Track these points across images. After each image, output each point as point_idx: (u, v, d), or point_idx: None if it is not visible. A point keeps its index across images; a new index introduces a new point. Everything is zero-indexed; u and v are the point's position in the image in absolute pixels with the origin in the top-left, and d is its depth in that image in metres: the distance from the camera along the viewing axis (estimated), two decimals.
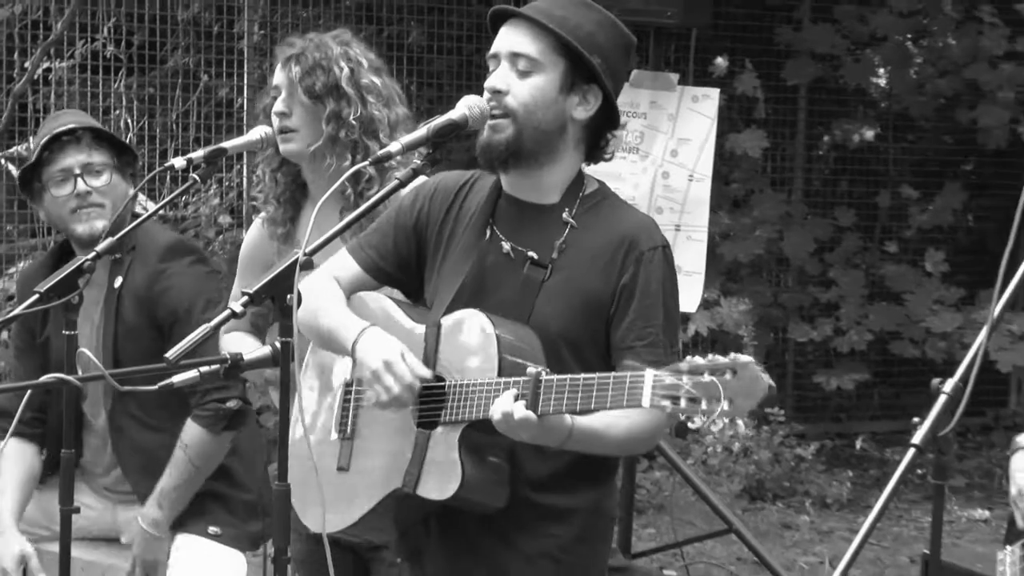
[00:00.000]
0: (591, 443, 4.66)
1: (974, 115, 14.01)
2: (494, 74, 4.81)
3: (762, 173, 13.79)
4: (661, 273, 4.76)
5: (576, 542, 4.86)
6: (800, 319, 13.80)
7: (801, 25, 13.99)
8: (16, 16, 12.66)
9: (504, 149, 4.77)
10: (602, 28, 4.86)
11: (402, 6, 13.29)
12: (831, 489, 12.72)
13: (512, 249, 4.87)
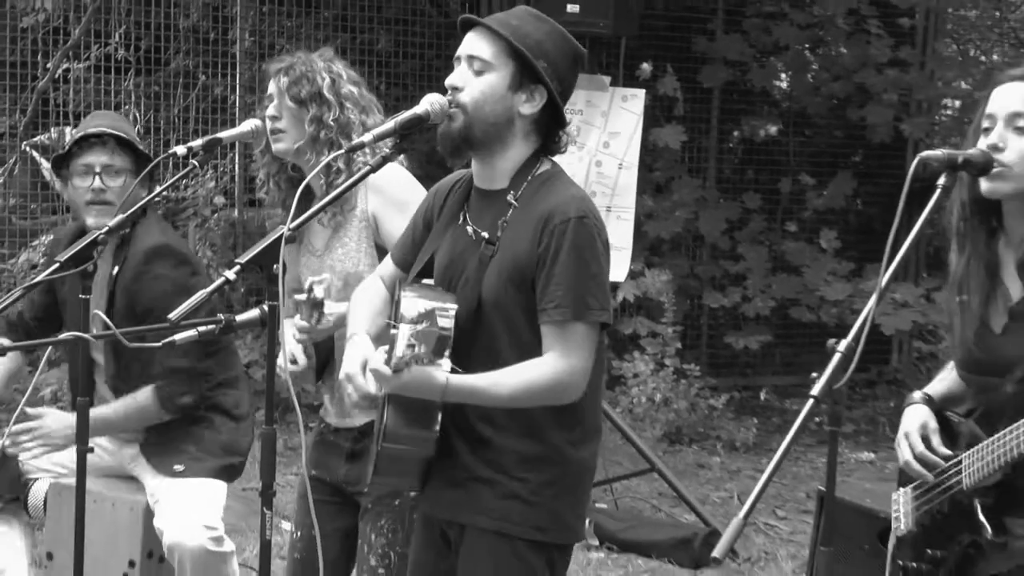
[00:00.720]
0: (473, 397, 4.70)
1: (862, 113, 14.09)
2: (454, 73, 4.85)
3: (680, 162, 13.80)
4: (570, 242, 4.69)
5: (546, 487, 4.83)
6: (713, 288, 13.84)
7: (715, 36, 14.04)
8: (40, 23, 12.62)
9: (457, 136, 4.80)
10: (550, 37, 4.88)
11: (372, 17, 13.28)
12: (739, 434, 12.76)
13: (474, 232, 4.90)
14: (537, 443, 4.82)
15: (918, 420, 4.93)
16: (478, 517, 4.87)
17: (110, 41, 12.66)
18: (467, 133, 4.81)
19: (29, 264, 11.84)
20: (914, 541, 4.96)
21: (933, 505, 4.88)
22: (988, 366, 4.78)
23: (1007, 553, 4.71)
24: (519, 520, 4.82)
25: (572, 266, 4.70)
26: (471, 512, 4.89)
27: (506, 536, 4.83)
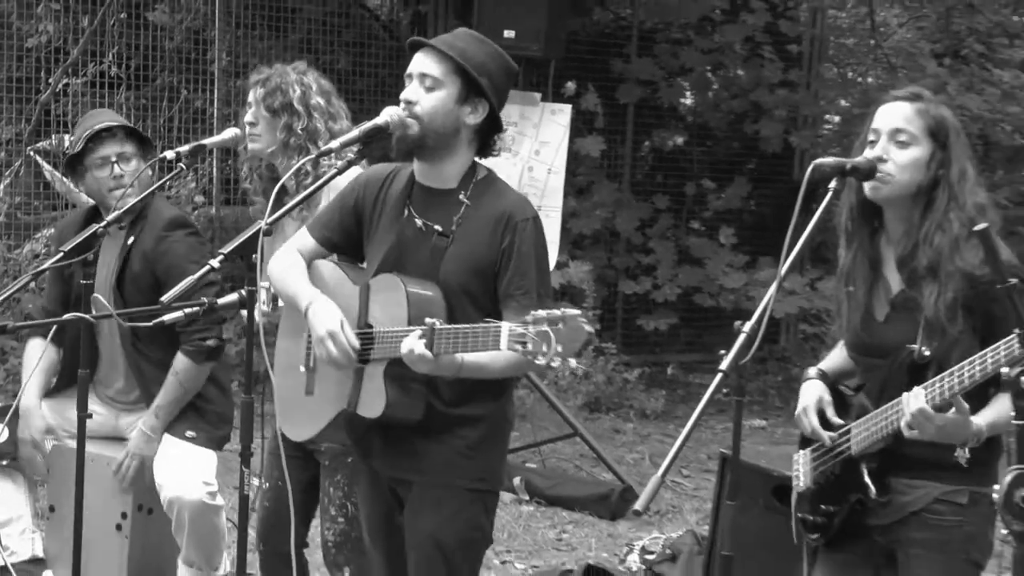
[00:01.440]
0: (478, 373, 4.75)
1: (757, 127, 14.16)
2: (408, 88, 4.91)
3: (600, 168, 13.80)
4: (532, 238, 4.86)
5: (481, 441, 4.93)
6: (627, 277, 13.86)
7: (630, 59, 14.00)
8: (42, 44, 12.59)
9: (412, 143, 4.87)
10: (491, 57, 4.97)
11: (333, 40, 13.30)
12: (649, 404, 12.78)
13: (423, 224, 4.94)
14: (474, 407, 4.93)
15: (815, 394, 4.97)
16: (426, 474, 4.95)
17: (104, 60, 12.57)
18: (421, 141, 4.87)
19: (32, 254, 11.85)
20: (811, 497, 5.00)
21: (827, 467, 4.92)
22: (873, 349, 4.84)
23: (888, 509, 4.77)
24: (462, 473, 4.94)
25: (533, 260, 4.88)
26: (419, 470, 4.96)
27: (451, 487, 4.94)
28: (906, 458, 4.70)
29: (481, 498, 5.02)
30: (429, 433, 4.92)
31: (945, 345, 4.57)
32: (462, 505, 4.96)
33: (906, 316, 4.72)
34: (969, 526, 4.72)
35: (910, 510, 4.74)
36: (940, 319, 4.58)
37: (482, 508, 5.03)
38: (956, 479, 4.66)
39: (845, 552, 4.98)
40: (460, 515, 4.97)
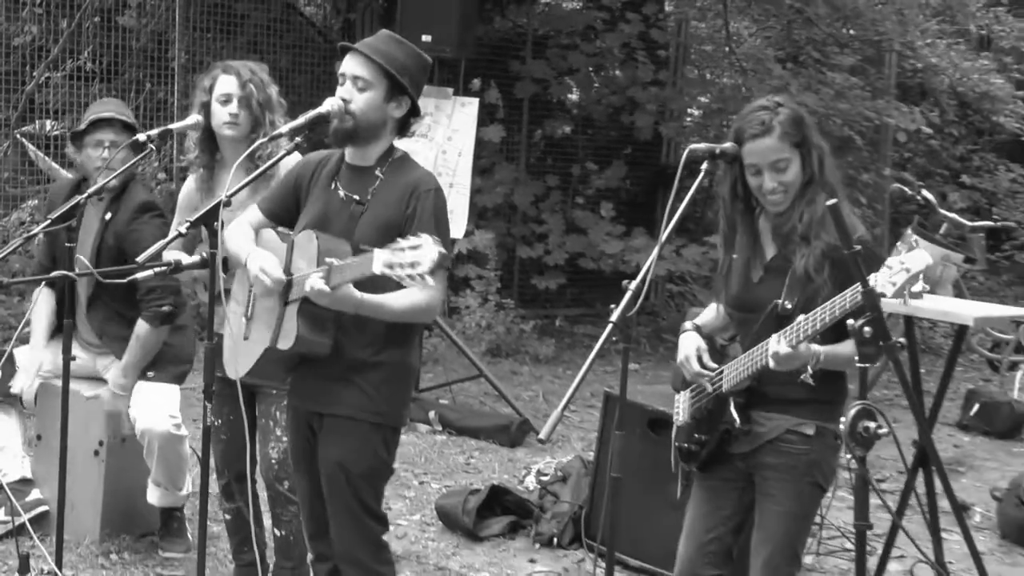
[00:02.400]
0: (377, 311, 4.78)
1: (632, 119, 14.14)
2: (342, 88, 4.96)
3: (500, 152, 13.78)
4: (432, 205, 4.88)
5: (383, 383, 4.94)
6: (523, 244, 13.85)
7: (525, 60, 13.97)
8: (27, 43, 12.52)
9: (346, 134, 4.94)
10: (410, 57, 5.02)
11: (276, 43, 13.23)
12: (541, 350, 12.79)
13: (345, 195, 5.00)
14: (378, 353, 4.93)
15: (694, 344, 5.00)
16: (335, 408, 4.97)
17: (80, 56, 12.50)
18: (354, 132, 4.95)
19: (19, 221, 11.77)
20: (688, 429, 5.05)
21: (702, 403, 4.97)
22: (748, 304, 4.90)
23: (750, 437, 4.86)
24: (364, 409, 4.94)
25: (433, 222, 4.85)
26: (328, 404, 4.99)
27: (355, 420, 4.95)
28: (765, 395, 4.81)
29: (381, 432, 5.01)
30: (340, 375, 4.94)
31: (805, 298, 4.65)
32: (365, 437, 4.97)
33: (776, 277, 4.80)
34: (814, 454, 4.79)
35: (766, 439, 4.83)
36: (808, 271, 4.68)
37: (382, 441, 5.02)
38: (805, 414, 4.79)
39: (714, 477, 5.03)
40: (363, 446, 4.97)
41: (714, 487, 5.02)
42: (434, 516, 7.81)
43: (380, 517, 5.12)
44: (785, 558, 4.86)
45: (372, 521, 5.07)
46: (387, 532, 5.17)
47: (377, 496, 5.10)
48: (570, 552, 7.43)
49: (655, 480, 6.89)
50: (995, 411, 11.02)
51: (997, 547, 7.79)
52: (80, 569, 6.53)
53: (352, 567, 5.07)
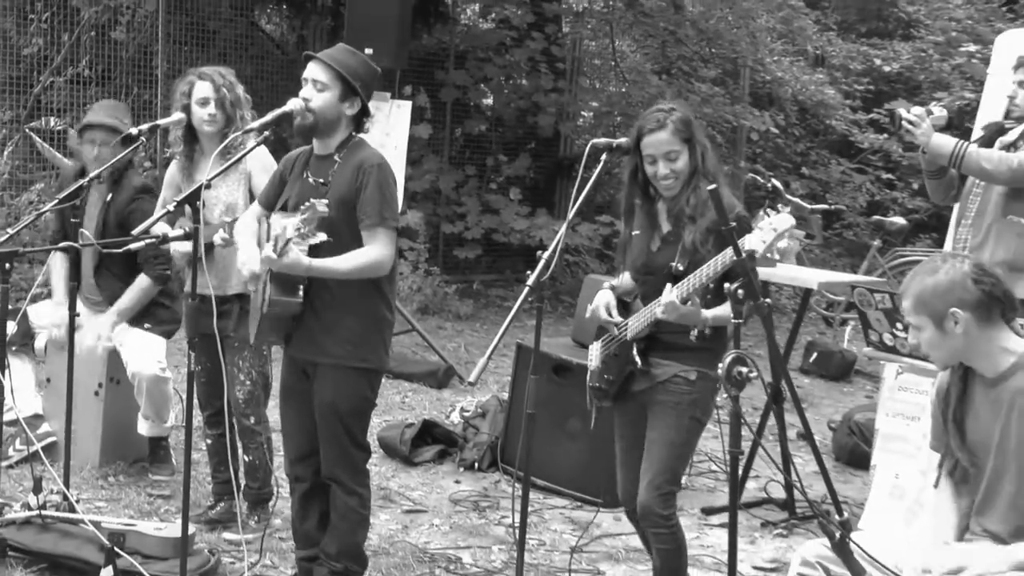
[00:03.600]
0: (327, 273, 4.80)
1: (535, 119, 14.11)
2: (304, 89, 4.95)
3: (428, 146, 13.69)
4: (376, 178, 4.87)
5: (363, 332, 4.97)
6: (447, 221, 13.76)
7: (449, 71, 13.89)
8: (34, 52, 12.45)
9: (308, 129, 4.94)
10: (362, 66, 5.02)
11: (242, 54, 13.07)
12: (462, 309, 12.73)
13: (313, 180, 4.99)
14: (353, 308, 4.93)
15: (605, 298, 5.04)
16: (325, 357, 4.95)
17: (79, 64, 12.35)
18: (315, 127, 4.95)
19: (28, 201, 11.64)
20: (599, 372, 5.07)
21: (611, 349, 5.01)
22: (650, 268, 4.94)
23: (648, 376, 4.90)
24: (351, 355, 4.94)
25: (377, 193, 4.85)
26: (320, 354, 4.96)
27: (343, 367, 4.93)
28: (661, 342, 4.87)
29: (366, 375, 5.02)
30: (327, 329, 4.92)
31: (693, 263, 4.67)
32: (352, 380, 4.97)
33: (671, 246, 4.84)
34: (696, 394, 4.83)
35: (658, 380, 4.87)
36: (696, 244, 4.71)
37: (367, 383, 5.04)
38: (689, 361, 4.85)
39: (626, 412, 5.06)
40: (351, 388, 4.98)
41: (630, 423, 5.04)
42: (376, 446, 7.77)
43: (364, 447, 5.14)
44: (667, 479, 4.88)
45: (357, 450, 5.09)
46: (369, 459, 5.18)
47: (363, 429, 5.12)
48: (488, 474, 7.43)
49: (558, 416, 6.91)
50: (829, 358, 11.15)
51: (832, 468, 7.85)
52: (83, 489, 6.48)
53: (337, 486, 5.09)
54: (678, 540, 4.97)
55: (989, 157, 5.82)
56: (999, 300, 3.95)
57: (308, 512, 5.22)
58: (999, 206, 5.96)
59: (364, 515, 5.17)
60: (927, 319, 3.96)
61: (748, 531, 6.66)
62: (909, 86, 17.43)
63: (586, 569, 5.96)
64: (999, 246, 5.92)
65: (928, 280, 3.96)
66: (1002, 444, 3.96)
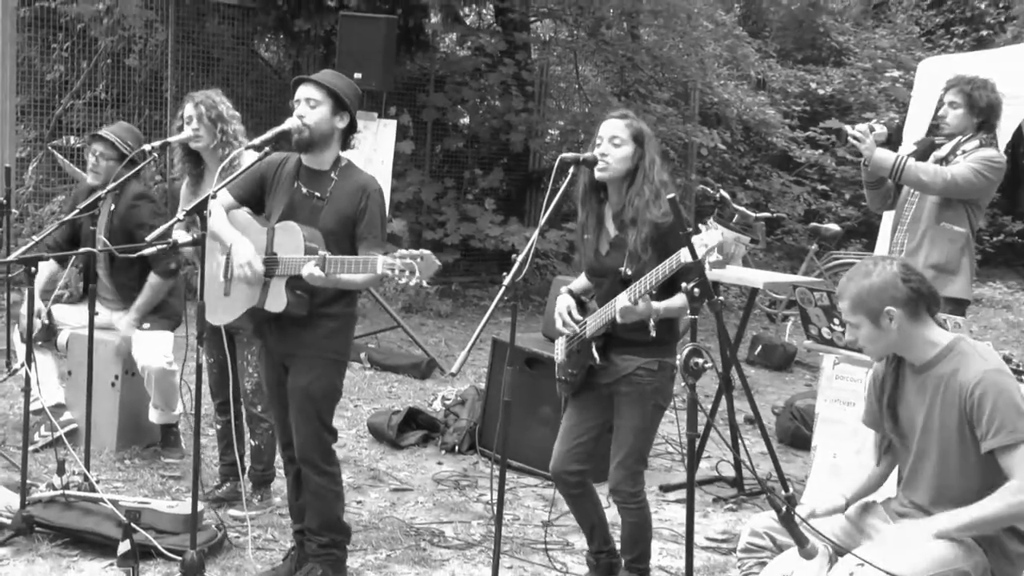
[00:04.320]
0: (348, 285, 4.79)
1: (508, 137, 14.07)
2: (298, 108, 4.94)
3: (411, 161, 13.64)
4: (378, 202, 4.89)
5: (337, 329, 4.99)
6: (429, 229, 13.70)
7: (429, 93, 13.85)
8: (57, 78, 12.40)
9: (305, 142, 4.92)
10: (348, 86, 5.03)
11: (243, 78, 13.06)
12: (442, 308, 12.67)
13: (308, 192, 4.94)
14: (333, 308, 4.94)
15: (565, 302, 5.03)
16: (302, 349, 4.96)
17: (96, 88, 12.33)
18: (311, 141, 4.91)
19: (50, 212, 11.60)
20: (564, 366, 5.06)
21: (572, 346, 4.98)
22: (599, 271, 4.94)
23: (610, 371, 4.88)
24: (326, 348, 4.95)
25: (379, 215, 4.87)
26: (297, 347, 4.96)
27: (318, 358, 4.95)
28: (620, 339, 4.85)
29: (336, 366, 5.03)
30: (304, 323, 4.92)
31: (640, 267, 4.66)
32: (325, 370, 4.97)
33: (619, 250, 4.82)
34: (657, 383, 4.83)
35: (622, 374, 4.86)
36: (638, 251, 4.70)
37: (337, 372, 5.05)
38: (650, 354, 4.83)
39: (584, 399, 5.04)
40: (323, 376, 4.97)
41: (583, 405, 5.04)
42: (366, 431, 7.76)
43: (332, 430, 5.12)
44: (635, 460, 4.91)
45: (326, 433, 5.07)
46: (336, 442, 5.15)
47: (331, 413, 5.10)
48: (467, 456, 7.41)
49: (530, 404, 6.89)
50: (772, 351, 11.16)
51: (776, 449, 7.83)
52: (102, 471, 6.44)
53: (309, 467, 5.06)
54: (645, 514, 5.00)
55: (926, 170, 5.91)
56: (925, 297, 3.98)
57: (300, 490, 5.20)
58: (932, 214, 6.07)
59: (337, 490, 5.15)
60: (864, 317, 3.98)
61: (701, 506, 6.66)
62: (841, 107, 17.52)
63: (556, 541, 5.95)
64: (933, 250, 6.05)
65: (863, 282, 3.97)
66: (927, 425, 3.99)
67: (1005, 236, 17.85)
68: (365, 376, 9.50)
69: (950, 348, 3.97)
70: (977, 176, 5.94)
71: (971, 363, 3.90)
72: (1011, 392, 3.83)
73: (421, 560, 5.57)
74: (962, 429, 3.88)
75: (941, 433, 3.95)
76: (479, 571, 5.49)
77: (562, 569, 5.57)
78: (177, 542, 5.24)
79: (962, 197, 6.02)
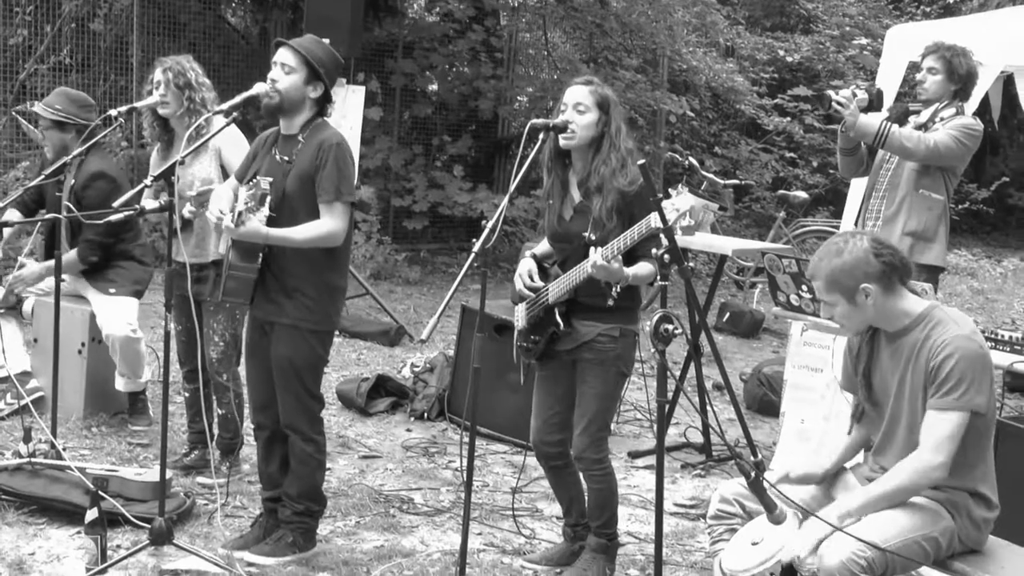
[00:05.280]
0: (285, 241, 4.75)
1: (476, 104, 14.03)
2: (272, 71, 4.88)
3: (380, 127, 13.59)
4: (334, 156, 4.80)
5: (318, 298, 4.91)
6: (397, 196, 13.66)
7: (398, 59, 13.77)
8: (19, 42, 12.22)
9: (274, 108, 4.87)
10: (327, 55, 4.94)
11: (210, 44, 12.92)
12: (411, 275, 12.66)
13: (280, 158, 4.89)
14: (314, 274, 4.87)
15: (526, 266, 5.01)
16: (283, 318, 4.89)
17: (61, 53, 12.19)
18: (281, 107, 4.87)
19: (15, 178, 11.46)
20: (525, 332, 5.05)
21: (534, 312, 4.97)
22: (563, 237, 4.91)
23: (571, 338, 4.87)
24: (306, 318, 4.88)
25: (335, 170, 4.78)
26: (279, 315, 4.89)
27: (298, 328, 4.88)
28: (582, 305, 4.85)
29: (319, 336, 4.97)
30: (286, 293, 4.88)
31: (604, 234, 4.64)
32: (306, 339, 4.92)
33: (583, 217, 4.80)
34: (619, 349, 4.83)
35: (583, 340, 4.84)
36: (602, 218, 4.68)
37: (319, 342, 4.98)
38: (611, 320, 4.84)
39: (549, 368, 5.03)
40: (306, 346, 4.93)
41: (549, 376, 5.02)
42: (335, 398, 7.73)
43: (318, 397, 5.11)
44: (598, 427, 4.90)
45: (312, 400, 5.06)
46: (323, 409, 5.14)
47: (316, 382, 5.07)
48: (436, 423, 7.40)
49: (499, 370, 6.88)
50: (740, 318, 11.18)
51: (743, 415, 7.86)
52: (69, 439, 6.39)
53: (295, 434, 5.05)
54: (610, 481, 5.00)
55: (909, 136, 5.90)
56: (898, 269, 3.98)
57: (271, 457, 5.18)
58: (911, 181, 6.06)
59: (321, 459, 5.13)
60: (839, 296, 3.97)
61: (670, 472, 6.68)
62: (809, 75, 17.54)
63: (525, 508, 5.95)
64: (911, 217, 6.05)
65: (835, 261, 3.95)
66: (899, 391, 4.00)
67: (971, 204, 17.94)
68: (334, 343, 9.40)
69: (924, 315, 3.98)
70: (957, 143, 5.93)
71: (944, 329, 3.90)
72: (975, 360, 3.84)
73: (390, 527, 5.56)
74: (925, 392, 3.90)
75: (910, 398, 3.96)
76: (448, 537, 5.49)
77: (530, 535, 5.57)
78: (145, 510, 5.22)
79: (941, 164, 6.02)
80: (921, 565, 3.91)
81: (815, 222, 13.66)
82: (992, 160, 18.72)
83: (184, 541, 5.08)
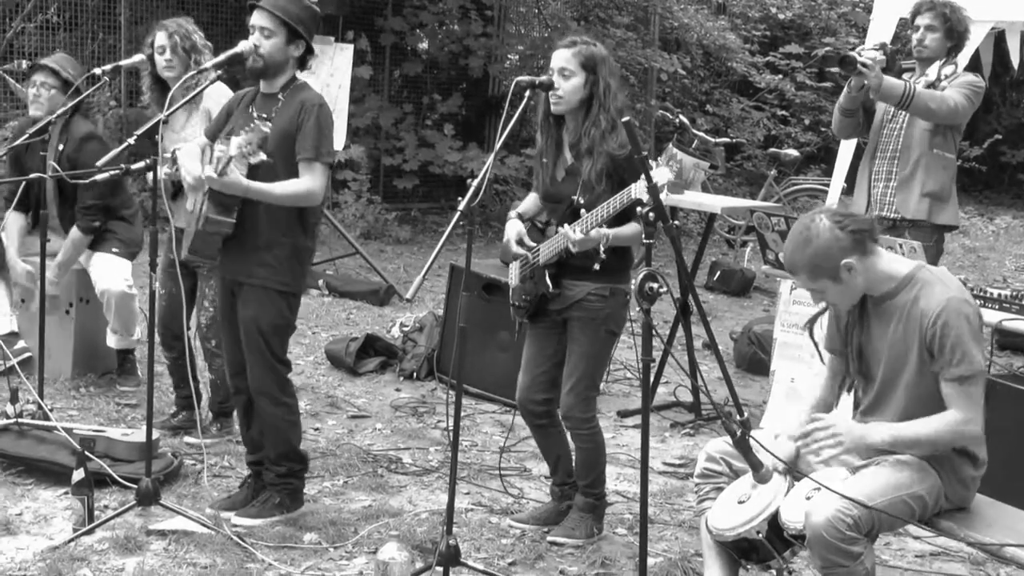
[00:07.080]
0: (263, 195, 4.72)
1: (467, 62, 13.92)
2: (252, 36, 4.83)
3: (370, 86, 13.50)
4: (314, 117, 4.78)
5: (286, 259, 4.88)
6: (387, 154, 13.62)
7: (387, 17, 13.67)
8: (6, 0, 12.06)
9: (259, 71, 4.84)
10: (303, 10, 4.89)
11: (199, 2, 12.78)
12: (401, 234, 12.66)
13: (258, 116, 4.81)
14: (282, 236, 4.84)
15: (515, 228, 4.99)
16: (250, 278, 4.88)
17: (49, 12, 12.04)
18: (264, 70, 4.85)
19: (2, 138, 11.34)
20: (518, 291, 5.03)
21: (525, 271, 4.95)
22: (555, 197, 4.89)
23: (562, 297, 4.86)
24: (272, 277, 4.86)
25: (315, 130, 4.75)
26: (245, 275, 4.88)
27: (264, 288, 4.87)
28: (572, 266, 4.83)
29: (286, 298, 4.93)
30: (253, 252, 4.84)
31: (593, 197, 4.62)
32: (273, 301, 4.89)
33: (573, 178, 4.78)
34: (609, 309, 4.81)
35: (574, 300, 4.83)
36: (592, 181, 4.65)
37: (286, 304, 4.95)
38: (601, 279, 4.82)
39: (540, 326, 5.02)
40: (272, 307, 4.90)
41: (540, 334, 5.02)
42: (324, 357, 7.73)
43: (285, 362, 5.05)
44: (586, 386, 4.90)
45: (279, 364, 5.01)
46: (290, 372, 5.10)
47: (282, 345, 5.02)
48: (425, 383, 7.40)
49: (488, 329, 6.87)
50: (731, 276, 11.17)
51: (733, 374, 7.88)
52: (56, 399, 6.38)
53: (264, 398, 5.01)
54: (598, 440, 5.00)
55: (932, 96, 5.80)
56: (865, 231, 3.92)
57: (250, 420, 5.15)
58: (925, 141, 5.94)
59: (293, 419, 5.10)
60: (826, 280, 3.90)
61: (659, 431, 6.68)
62: (801, 32, 17.46)
63: (514, 467, 5.94)
64: (928, 178, 5.95)
65: (808, 250, 3.87)
66: (891, 353, 3.96)
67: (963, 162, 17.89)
68: (323, 303, 9.44)
69: (911, 277, 3.94)
70: (968, 100, 5.85)
71: (933, 290, 3.86)
72: (971, 320, 3.81)
73: (378, 486, 5.56)
74: (921, 355, 3.86)
75: (904, 358, 3.92)
76: (436, 497, 5.49)
77: (518, 495, 5.57)
78: (132, 470, 5.22)
79: (955, 123, 5.95)
80: (908, 523, 3.91)
81: (806, 180, 13.65)
82: (985, 118, 18.64)
83: (171, 501, 5.07)
